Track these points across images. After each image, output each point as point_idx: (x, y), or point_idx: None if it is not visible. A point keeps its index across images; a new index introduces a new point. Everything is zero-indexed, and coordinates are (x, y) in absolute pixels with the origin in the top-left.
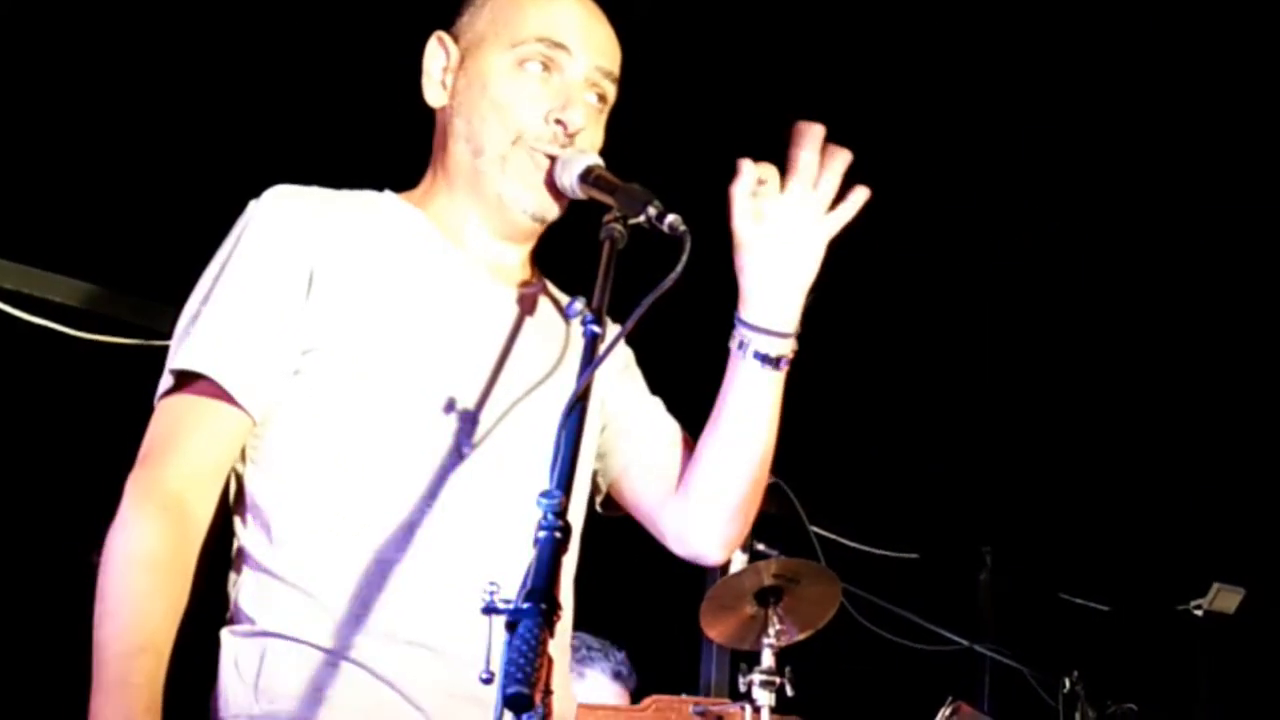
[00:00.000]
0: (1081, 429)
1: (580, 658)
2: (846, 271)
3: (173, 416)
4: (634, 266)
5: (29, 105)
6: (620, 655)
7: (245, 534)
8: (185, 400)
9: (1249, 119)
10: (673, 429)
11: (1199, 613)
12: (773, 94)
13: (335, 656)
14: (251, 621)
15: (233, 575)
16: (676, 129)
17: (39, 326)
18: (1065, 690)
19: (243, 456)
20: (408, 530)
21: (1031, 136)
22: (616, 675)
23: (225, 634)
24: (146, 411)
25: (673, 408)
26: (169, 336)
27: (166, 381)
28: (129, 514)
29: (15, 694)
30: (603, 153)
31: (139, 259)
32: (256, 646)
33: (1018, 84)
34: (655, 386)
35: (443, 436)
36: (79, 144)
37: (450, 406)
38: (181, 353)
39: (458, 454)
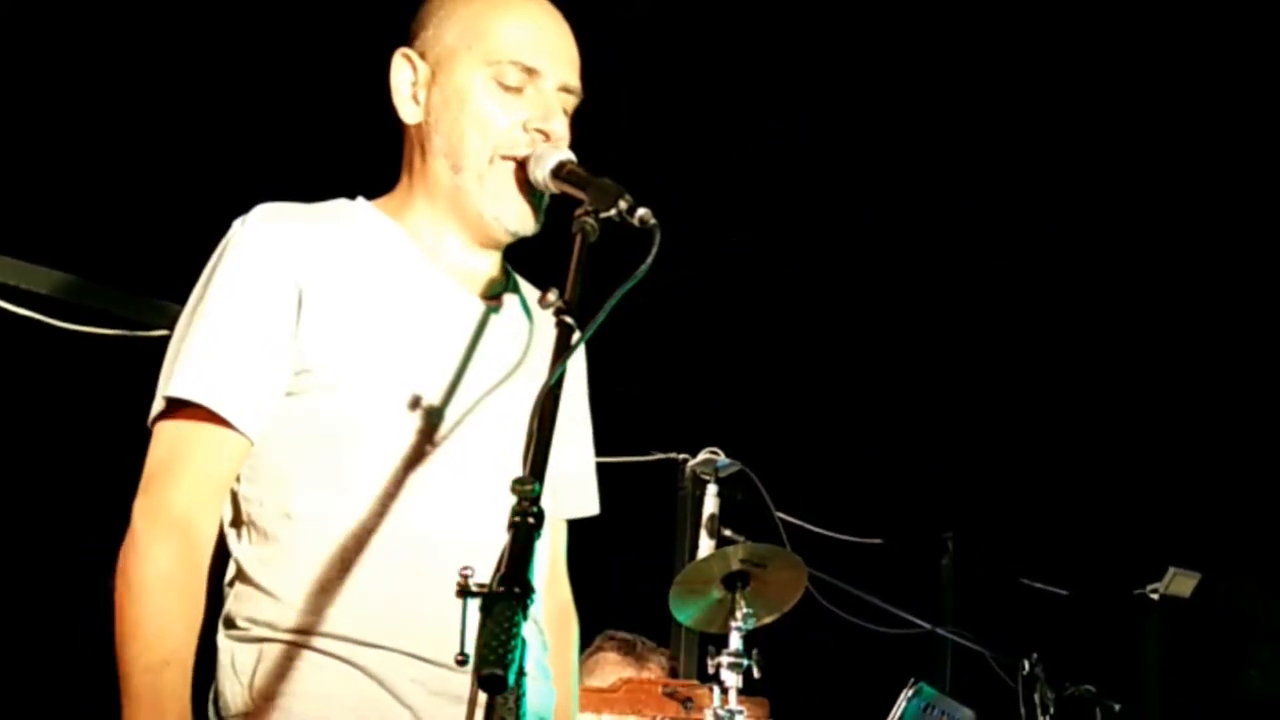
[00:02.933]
0: (1042, 419)
1: (638, 654)
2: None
3: (172, 441)
4: (602, 260)
5: (9, 99)
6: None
7: (237, 544)
8: (183, 425)
9: (1249, 119)
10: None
11: (1155, 597)
12: (771, 94)
13: (324, 656)
14: (245, 626)
15: (227, 581)
16: (670, 127)
17: (19, 316)
18: (1025, 672)
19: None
20: (384, 533)
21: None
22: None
23: (221, 637)
24: (126, 402)
25: (640, 397)
26: (149, 327)
27: (159, 405)
28: (140, 539)
29: None
30: (582, 148)
31: (121, 251)
32: (251, 648)
33: (1018, 84)
34: (624, 380)
35: (412, 442)
36: (59, 135)
37: (418, 412)
38: (175, 380)
39: (424, 455)
